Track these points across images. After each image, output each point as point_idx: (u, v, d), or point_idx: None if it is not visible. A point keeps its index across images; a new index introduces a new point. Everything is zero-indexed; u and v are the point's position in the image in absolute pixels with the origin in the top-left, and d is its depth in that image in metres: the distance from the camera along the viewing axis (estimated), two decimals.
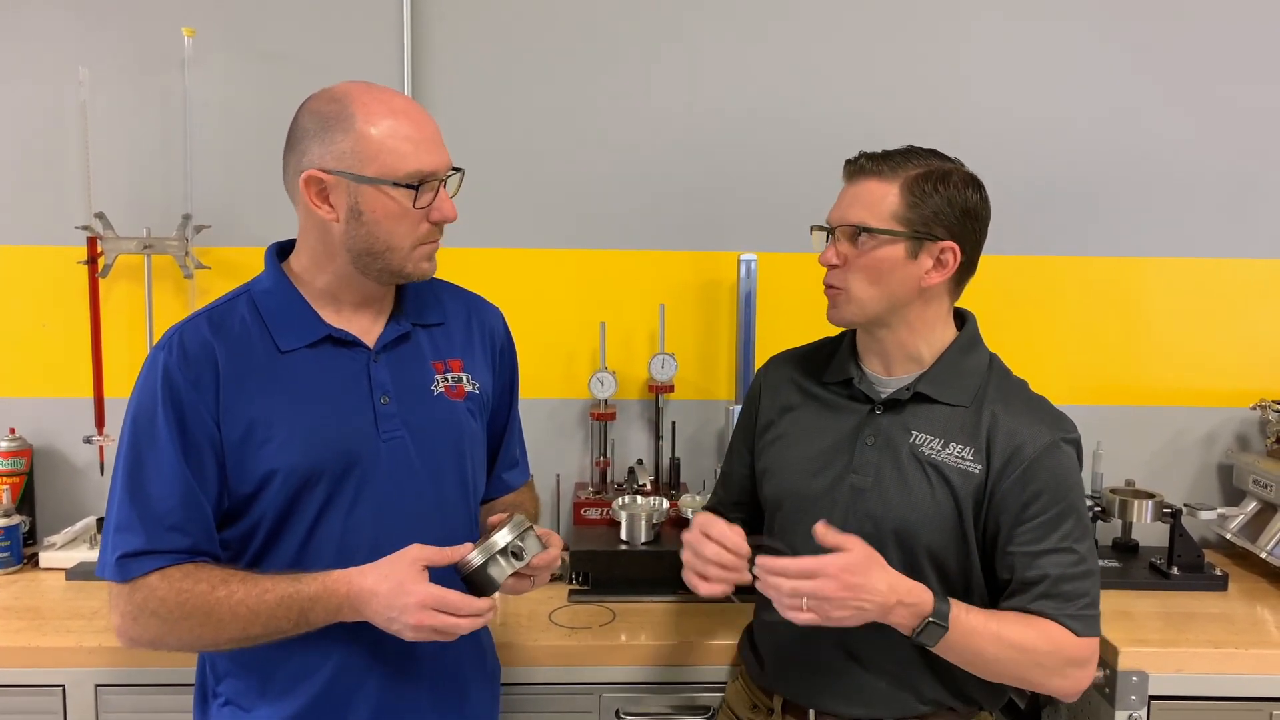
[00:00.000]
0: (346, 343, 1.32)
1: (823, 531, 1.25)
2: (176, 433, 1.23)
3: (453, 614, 1.20)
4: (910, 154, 1.38)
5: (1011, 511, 1.33)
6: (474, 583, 1.24)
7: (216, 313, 1.31)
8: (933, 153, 1.40)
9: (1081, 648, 1.31)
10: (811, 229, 1.45)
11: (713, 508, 1.65)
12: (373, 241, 1.27)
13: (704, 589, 1.31)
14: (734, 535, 1.31)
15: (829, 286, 1.41)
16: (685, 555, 1.34)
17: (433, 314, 1.42)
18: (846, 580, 1.22)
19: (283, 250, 1.38)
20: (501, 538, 1.24)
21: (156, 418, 1.24)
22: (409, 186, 1.25)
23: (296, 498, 1.27)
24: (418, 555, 1.22)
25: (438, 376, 1.39)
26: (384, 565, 1.22)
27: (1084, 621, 1.31)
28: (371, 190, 1.24)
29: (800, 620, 1.23)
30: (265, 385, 1.28)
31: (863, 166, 1.39)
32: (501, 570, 1.24)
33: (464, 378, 1.41)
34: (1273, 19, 2.19)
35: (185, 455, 1.23)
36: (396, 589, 1.19)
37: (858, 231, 1.36)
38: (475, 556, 1.23)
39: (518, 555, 1.25)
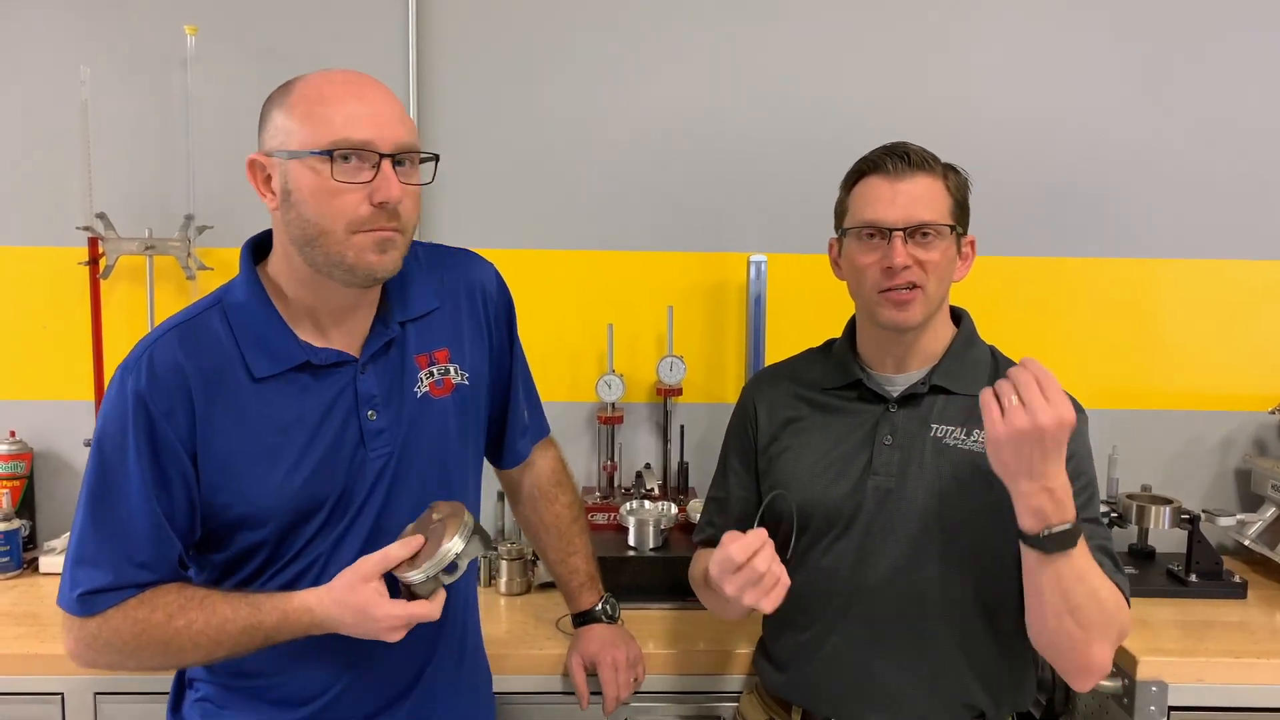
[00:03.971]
0: (329, 365, 1.24)
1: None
2: (148, 464, 1.16)
3: (423, 618, 1.17)
4: (922, 149, 1.37)
5: None
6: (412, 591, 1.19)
7: (188, 328, 1.21)
8: None
9: (1129, 617, 1.28)
10: (862, 230, 1.37)
11: (711, 538, 1.54)
12: (304, 225, 1.15)
13: (770, 601, 1.23)
14: (744, 541, 1.24)
15: (907, 287, 1.34)
16: (732, 587, 1.23)
17: (424, 302, 1.32)
18: (1055, 431, 1.15)
19: (258, 247, 1.27)
20: (445, 553, 1.16)
21: (126, 448, 1.16)
22: (326, 154, 1.12)
23: (282, 532, 1.22)
24: (368, 571, 1.15)
25: (421, 373, 1.30)
26: (339, 589, 1.16)
27: (1126, 591, 1.29)
28: (296, 165, 1.14)
29: (989, 414, 1.18)
30: (240, 417, 1.19)
31: (913, 161, 1.35)
32: (433, 588, 1.18)
33: (451, 369, 1.33)
34: None
35: (155, 489, 1.17)
36: (361, 617, 1.15)
37: (923, 231, 1.33)
38: (416, 576, 1.16)
39: (451, 571, 1.18)
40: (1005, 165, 2.17)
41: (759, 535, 1.23)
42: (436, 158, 1.22)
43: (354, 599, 1.15)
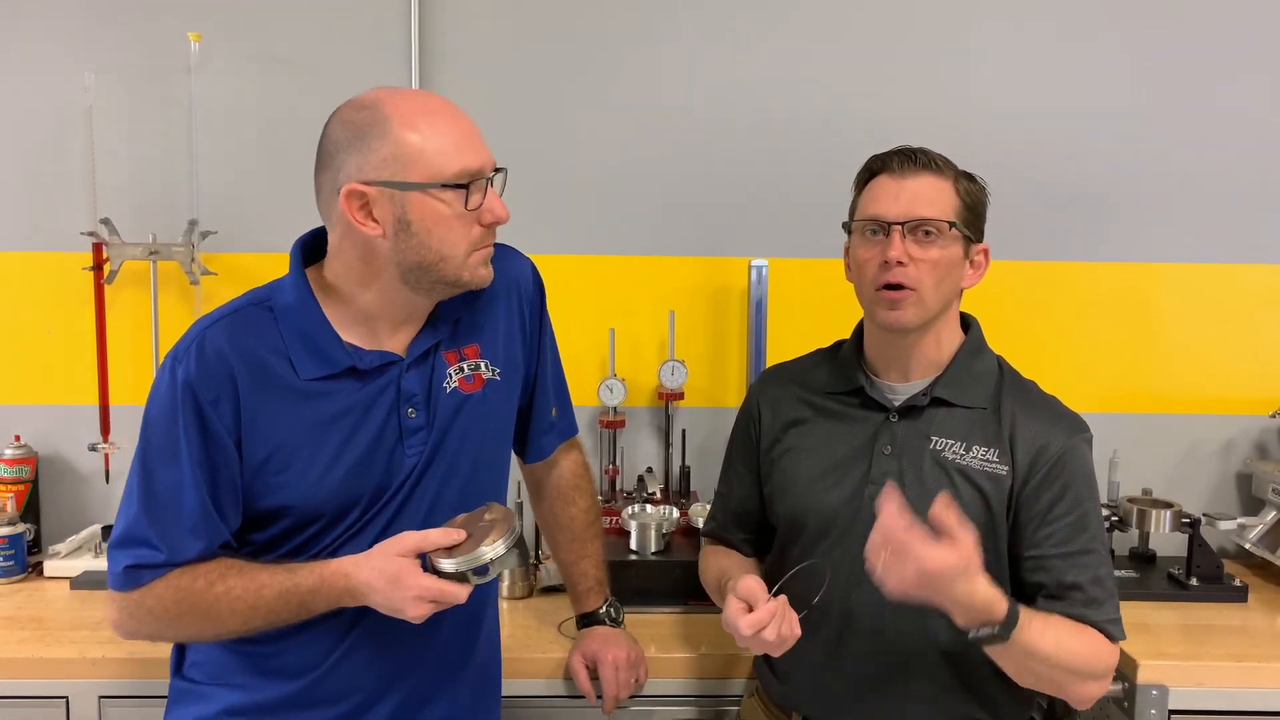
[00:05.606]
0: (375, 367, 1.26)
1: (942, 511, 1.15)
2: (198, 450, 1.19)
3: (450, 598, 1.18)
4: (935, 153, 1.37)
5: (1038, 511, 1.32)
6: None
7: (235, 322, 1.24)
8: None
9: (1115, 654, 1.30)
10: (865, 226, 1.36)
11: (713, 531, 1.61)
12: (424, 253, 1.19)
13: (778, 650, 1.25)
14: (753, 598, 1.25)
15: (898, 286, 1.32)
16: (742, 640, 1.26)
17: (473, 300, 1.34)
18: (932, 583, 1.13)
19: (306, 247, 1.29)
20: (480, 554, 1.18)
21: (176, 433, 1.19)
22: (458, 187, 1.18)
23: (316, 527, 1.25)
24: (405, 547, 1.18)
25: (450, 369, 1.32)
26: (377, 557, 1.19)
27: (1117, 626, 1.31)
28: (419, 196, 1.17)
29: (876, 573, 1.15)
30: (283, 415, 1.22)
31: (920, 160, 1.34)
32: (466, 583, 1.19)
33: (481, 365, 1.35)
34: None
35: (204, 472, 1.20)
36: (393, 584, 1.17)
37: (924, 229, 1.32)
38: (446, 564, 1.18)
39: (481, 573, 1.20)
40: (1007, 169, 2.15)
41: (768, 612, 1.23)
42: (505, 171, 1.27)
43: (389, 567, 1.17)
